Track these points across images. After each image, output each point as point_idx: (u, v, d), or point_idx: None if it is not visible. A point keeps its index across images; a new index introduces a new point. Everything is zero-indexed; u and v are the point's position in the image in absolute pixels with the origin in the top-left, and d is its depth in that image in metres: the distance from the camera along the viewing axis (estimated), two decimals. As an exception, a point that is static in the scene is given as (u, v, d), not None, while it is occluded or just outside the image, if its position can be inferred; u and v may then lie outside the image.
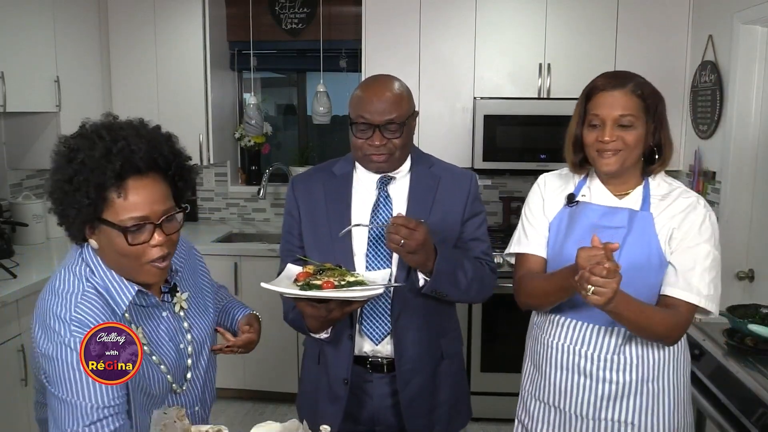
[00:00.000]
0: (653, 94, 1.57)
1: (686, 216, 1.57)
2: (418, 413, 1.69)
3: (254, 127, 3.99)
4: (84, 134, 1.24)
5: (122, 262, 1.24)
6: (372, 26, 3.57)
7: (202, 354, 1.45)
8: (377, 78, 1.67)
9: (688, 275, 1.53)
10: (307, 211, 1.70)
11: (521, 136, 3.52)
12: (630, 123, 1.54)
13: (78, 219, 1.20)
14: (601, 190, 1.65)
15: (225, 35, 4.04)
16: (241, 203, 4.28)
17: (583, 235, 1.58)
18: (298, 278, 1.50)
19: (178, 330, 1.39)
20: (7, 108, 2.89)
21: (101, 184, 1.18)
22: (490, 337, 3.42)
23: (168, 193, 1.27)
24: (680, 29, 3.41)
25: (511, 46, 3.52)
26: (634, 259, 1.54)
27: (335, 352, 1.67)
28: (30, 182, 3.61)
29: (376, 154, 1.60)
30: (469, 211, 1.70)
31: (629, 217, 1.58)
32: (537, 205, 1.74)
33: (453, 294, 1.63)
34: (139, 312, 1.31)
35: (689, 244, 1.55)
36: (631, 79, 1.57)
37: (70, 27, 3.39)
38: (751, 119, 2.84)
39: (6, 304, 2.56)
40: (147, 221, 1.21)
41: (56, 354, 1.20)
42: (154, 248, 1.23)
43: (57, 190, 1.21)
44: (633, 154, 1.56)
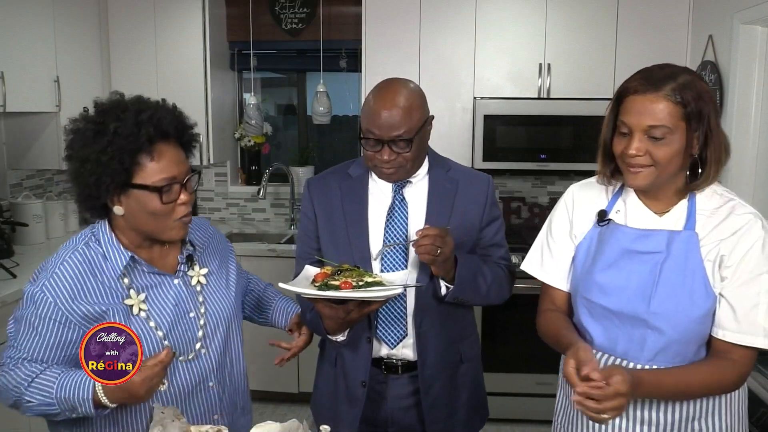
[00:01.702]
0: (699, 99, 1.29)
1: (740, 239, 1.31)
2: (439, 417, 1.69)
3: (254, 127, 3.99)
4: (104, 110, 1.32)
5: (151, 222, 1.34)
6: (372, 26, 3.57)
7: (218, 331, 1.48)
8: (389, 87, 1.59)
9: (750, 315, 1.29)
10: (323, 212, 1.69)
11: (521, 136, 3.52)
12: (662, 135, 1.29)
13: (111, 187, 1.29)
14: (638, 206, 1.41)
15: (225, 35, 4.04)
16: (241, 203, 4.28)
17: (613, 261, 1.40)
18: (316, 279, 1.49)
19: (188, 299, 1.43)
20: (7, 108, 2.89)
21: (135, 149, 1.28)
22: (494, 337, 3.42)
23: (185, 157, 1.39)
24: (680, 29, 3.41)
25: (511, 46, 3.52)
26: (673, 288, 1.33)
27: (353, 355, 1.66)
28: (30, 182, 3.61)
29: (386, 167, 1.58)
30: (488, 217, 1.69)
31: (668, 239, 1.35)
32: (562, 228, 1.53)
33: (474, 299, 1.64)
34: (144, 278, 1.39)
35: (748, 276, 1.30)
36: (671, 79, 1.29)
37: (70, 27, 3.39)
38: (751, 119, 2.84)
39: (6, 304, 2.56)
40: (174, 181, 1.33)
41: (24, 297, 1.33)
42: (181, 206, 1.35)
43: (89, 163, 1.28)
44: (666, 170, 1.32)
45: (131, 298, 1.36)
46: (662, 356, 1.36)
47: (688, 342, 1.35)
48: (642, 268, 1.36)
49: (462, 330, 1.74)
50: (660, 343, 1.35)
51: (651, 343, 1.36)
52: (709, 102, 1.31)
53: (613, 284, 1.39)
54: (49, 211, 3.55)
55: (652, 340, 1.36)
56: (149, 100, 1.37)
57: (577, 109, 3.33)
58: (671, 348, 1.35)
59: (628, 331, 1.38)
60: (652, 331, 1.35)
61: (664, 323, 1.32)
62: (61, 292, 1.31)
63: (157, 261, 1.43)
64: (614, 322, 1.40)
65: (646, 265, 1.35)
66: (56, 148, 3.33)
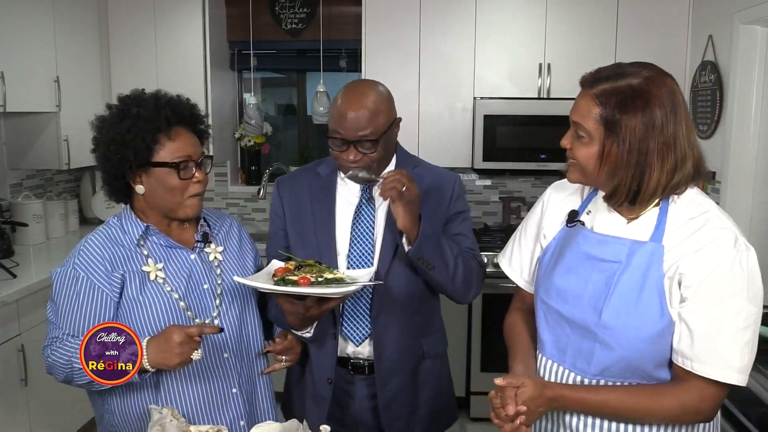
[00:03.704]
0: (622, 108, 1.17)
1: (706, 257, 1.18)
2: (398, 414, 1.68)
3: (254, 127, 3.99)
4: (127, 99, 1.48)
5: (167, 198, 1.46)
6: (372, 26, 3.57)
7: (233, 305, 1.55)
8: (356, 88, 1.61)
9: (708, 342, 1.17)
10: (292, 211, 1.70)
11: (521, 136, 3.52)
12: (583, 134, 1.23)
13: (135, 164, 1.43)
14: (607, 210, 1.31)
15: (225, 35, 4.04)
16: (241, 203, 4.28)
17: (573, 265, 1.32)
18: (276, 273, 1.49)
19: (202, 272, 1.53)
20: (7, 108, 2.89)
21: (156, 128, 1.43)
22: (490, 336, 3.42)
23: (199, 142, 1.53)
24: (680, 29, 3.41)
25: (511, 46, 3.52)
26: (626, 303, 1.23)
27: (319, 352, 1.67)
28: (30, 182, 3.61)
29: (352, 167, 1.58)
30: (452, 209, 1.69)
31: (630, 249, 1.24)
32: (532, 227, 1.49)
33: (439, 266, 1.57)
34: (161, 251, 1.51)
35: (712, 299, 1.17)
36: (611, 79, 1.21)
37: (70, 27, 3.39)
38: (751, 119, 2.84)
39: (6, 304, 2.56)
40: (190, 159, 1.46)
41: (56, 280, 1.46)
42: (195, 184, 1.48)
43: (115, 144, 1.43)
44: (586, 170, 1.25)
45: (148, 266, 1.47)
46: (611, 372, 1.27)
47: (640, 360, 1.24)
48: (599, 277, 1.27)
49: (426, 325, 1.73)
50: (609, 358, 1.26)
51: (599, 357, 1.27)
52: (637, 116, 1.17)
53: (570, 290, 1.32)
54: (49, 211, 3.55)
55: (600, 354, 1.26)
56: (166, 93, 1.52)
57: (577, 109, 3.32)
58: (619, 364, 1.25)
59: (577, 342, 1.30)
60: (601, 346, 1.26)
61: (612, 338, 1.23)
62: (90, 266, 1.44)
63: (175, 238, 1.53)
64: (565, 330, 1.33)
65: (603, 274, 1.26)
66: (56, 148, 3.34)
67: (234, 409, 1.52)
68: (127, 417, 1.47)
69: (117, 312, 1.44)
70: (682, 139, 1.20)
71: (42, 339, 1.48)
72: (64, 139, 3.32)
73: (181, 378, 1.46)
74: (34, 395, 2.72)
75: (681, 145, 1.20)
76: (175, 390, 1.46)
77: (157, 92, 1.51)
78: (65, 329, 1.43)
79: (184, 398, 1.46)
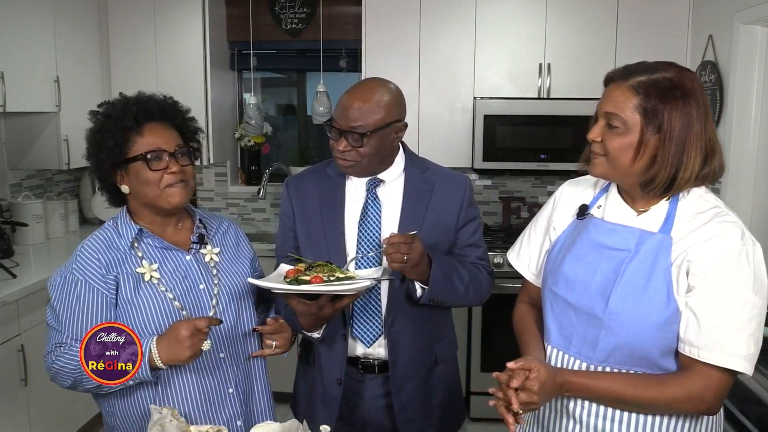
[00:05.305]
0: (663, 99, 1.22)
1: (714, 247, 1.22)
2: (412, 418, 1.68)
3: (254, 127, 3.99)
4: (103, 103, 1.53)
5: (146, 192, 1.47)
6: (372, 26, 3.57)
7: (230, 306, 1.55)
8: (364, 82, 1.65)
9: (715, 331, 1.20)
10: (301, 212, 1.70)
11: (521, 136, 3.51)
12: (618, 125, 1.25)
13: (108, 161, 1.46)
14: (618, 203, 1.36)
15: (225, 35, 4.04)
16: (241, 203, 4.27)
17: (583, 254, 1.36)
18: (288, 275, 1.50)
19: (199, 273, 1.53)
20: (7, 108, 2.89)
21: (124, 127, 1.45)
22: (490, 337, 3.42)
23: (177, 136, 1.52)
24: (680, 29, 3.41)
25: (511, 46, 3.52)
26: (634, 290, 1.26)
27: (329, 353, 1.67)
28: (30, 182, 3.61)
29: (341, 158, 1.59)
30: (464, 218, 1.69)
31: (639, 239, 1.28)
32: (542, 222, 1.52)
33: (450, 301, 1.63)
34: (156, 252, 1.51)
35: (718, 288, 1.20)
36: (645, 73, 1.25)
37: (70, 27, 3.39)
38: (751, 119, 2.84)
39: (6, 304, 2.56)
40: (161, 151, 1.46)
41: (54, 286, 1.47)
42: (169, 175, 1.46)
43: (90, 139, 1.49)
44: (617, 163, 1.27)
45: (143, 267, 1.47)
46: (615, 357, 1.30)
47: (646, 347, 1.27)
48: (607, 265, 1.31)
49: (439, 331, 1.73)
50: (613, 343, 1.29)
51: (604, 344, 1.30)
52: (678, 107, 1.22)
53: (578, 278, 1.35)
54: (49, 211, 3.55)
55: (605, 340, 1.30)
56: (145, 94, 1.53)
57: (577, 109, 3.31)
58: (624, 350, 1.28)
59: (582, 329, 1.33)
60: (606, 332, 1.29)
61: (617, 324, 1.26)
62: (87, 270, 1.44)
63: (170, 239, 1.53)
64: (571, 318, 1.36)
65: (612, 261, 1.29)
66: (56, 148, 3.33)
67: (231, 409, 1.52)
68: (127, 417, 1.47)
69: (115, 313, 1.44)
70: (711, 133, 1.26)
71: (42, 339, 1.49)
72: (64, 139, 3.32)
73: (177, 378, 1.46)
74: (34, 395, 2.72)
75: (712, 138, 1.26)
76: (172, 390, 1.46)
77: (137, 94, 1.53)
78: (68, 334, 1.43)
79: (181, 398, 1.47)
